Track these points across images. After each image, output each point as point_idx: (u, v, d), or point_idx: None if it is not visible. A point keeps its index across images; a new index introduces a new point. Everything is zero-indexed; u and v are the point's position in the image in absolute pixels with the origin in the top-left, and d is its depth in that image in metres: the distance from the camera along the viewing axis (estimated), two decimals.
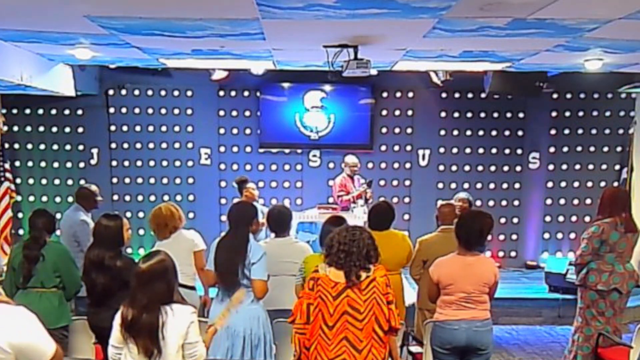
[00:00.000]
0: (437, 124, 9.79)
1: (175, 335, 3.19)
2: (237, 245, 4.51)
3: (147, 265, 3.30)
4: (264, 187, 9.55)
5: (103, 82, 9.46)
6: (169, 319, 3.19)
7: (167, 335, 3.17)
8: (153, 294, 3.21)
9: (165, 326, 3.17)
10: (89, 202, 6.38)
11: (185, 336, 3.21)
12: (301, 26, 4.86)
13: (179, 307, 3.25)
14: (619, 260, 5.46)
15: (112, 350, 3.33)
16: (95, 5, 4.30)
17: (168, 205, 5.39)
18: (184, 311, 3.25)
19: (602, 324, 5.43)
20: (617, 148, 9.64)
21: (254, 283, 4.47)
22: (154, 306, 3.20)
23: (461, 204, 6.68)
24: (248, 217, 4.65)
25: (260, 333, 4.50)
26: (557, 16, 4.47)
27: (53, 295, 4.74)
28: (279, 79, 9.34)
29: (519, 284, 8.83)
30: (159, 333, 3.16)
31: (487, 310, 4.32)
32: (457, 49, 6.00)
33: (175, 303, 3.26)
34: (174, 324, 3.19)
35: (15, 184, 9.25)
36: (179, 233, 5.30)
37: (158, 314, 3.18)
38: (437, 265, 4.42)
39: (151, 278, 3.26)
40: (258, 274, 4.47)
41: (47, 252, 4.73)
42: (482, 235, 4.40)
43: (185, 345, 3.21)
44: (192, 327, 3.23)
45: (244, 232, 4.57)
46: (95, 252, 4.38)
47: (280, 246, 5.13)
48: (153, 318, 3.17)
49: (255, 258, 4.48)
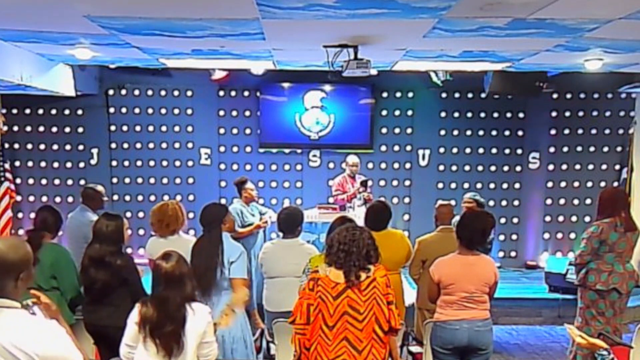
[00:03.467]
0: (437, 124, 9.78)
1: (195, 333, 3.24)
2: (211, 247, 4.49)
3: (172, 266, 3.34)
4: (264, 187, 9.55)
5: (103, 82, 9.46)
6: (189, 318, 3.24)
7: (188, 334, 3.22)
8: (183, 293, 3.28)
9: (186, 325, 3.23)
10: (95, 202, 6.34)
11: (203, 335, 3.26)
12: (301, 26, 4.86)
13: (198, 307, 3.33)
14: (619, 260, 5.47)
15: (125, 349, 3.33)
16: (95, 5, 4.30)
17: (175, 206, 5.29)
18: (203, 311, 3.32)
19: (602, 324, 5.43)
20: (617, 148, 9.64)
21: (233, 282, 4.44)
22: (183, 306, 3.25)
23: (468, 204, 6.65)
24: (218, 218, 4.62)
25: (238, 335, 4.47)
26: (557, 16, 4.48)
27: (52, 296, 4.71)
28: (279, 79, 9.34)
29: (519, 284, 8.83)
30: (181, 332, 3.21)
31: (487, 310, 4.33)
32: (457, 49, 6.00)
33: (195, 302, 3.33)
34: (194, 323, 3.24)
35: (15, 184, 9.26)
36: (178, 237, 5.21)
37: (185, 313, 3.24)
38: (438, 265, 4.42)
39: (179, 277, 3.32)
40: (237, 272, 4.44)
41: (43, 254, 4.57)
42: (484, 234, 4.41)
43: (202, 344, 3.26)
44: (209, 327, 3.29)
45: (216, 233, 4.54)
46: (96, 248, 4.37)
47: (287, 248, 5.13)
48: (180, 317, 3.22)
49: (233, 257, 4.45)
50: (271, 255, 5.32)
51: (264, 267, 5.38)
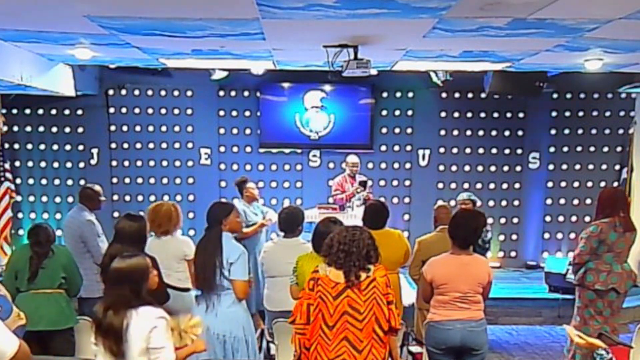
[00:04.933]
0: (437, 124, 9.78)
1: (138, 338, 3.14)
2: (210, 246, 4.47)
3: (113, 267, 3.28)
4: (264, 187, 9.54)
5: (103, 82, 9.46)
6: (133, 322, 3.14)
7: (130, 338, 3.13)
8: (117, 295, 3.19)
9: (129, 329, 3.14)
10: (93, 202, 6.35)
11: (148, 340, 3.14)
12: (301, 26, 4.86)
13: (145, 311, 3.19)
14: (617, 260, 5.48)
15: (92, 347, 3.32)
16: (95, 5, 4.30)
17: (169, 207, 5.23)
18: (148, 315, 3.18)
19: (600, 323, 5.44)
20: (617, 148, 9.64)
21: (234, 284, 4.42)
22: (118, 308, 3.16)
23: (464, 205, 6.65)
24: (219, 217, 4.58)
25: (239, 335, 4.45)
26: (557, 16, 4.48)
27: (60, 296, 4.79)
28: (279, 79, 9.34)
29: (519, 284, 8.84)
30: (123, 335, 3.13)
31: (481, 311, 4.31)
32: (457, 49, 6.00)
33: (145, 306, 3.20)
34: (137, 327, 3.14)
35: (15, 184, 9.26)
36: (171, 238, 5.15)
37: (123, 317, 3.14)
38: (431, 265, 4.40)
39: (116, 280, 3.24)
40: (238, 274, 4.42)
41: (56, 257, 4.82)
42: (476, 233, 4.40)
43: (149, 349, 3.15)
44: (154, 332, 3.15)
45: (216, 232, 4.51)
46: (118, 248, 4.31)
47: (287, 247, 5.12)
48: (117, 320, 3.14)
49: (233, 258, 4.42)
50: (272, 254, 5.32)
51: (265, 266, 5.40)
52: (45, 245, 4.79)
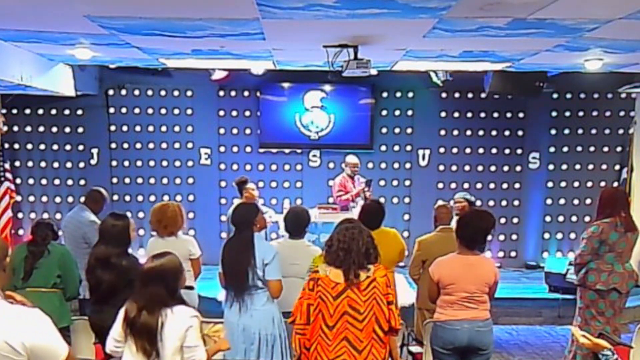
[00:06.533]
0: (437, 124, 9.78)
1: (173, 337, 3.17)
2: (242, 248, 4.48)
3: (148, 267, 3.31)
4: (264, 187, 9.54)
5: (103, 82, 9.46)
6: (168, 321, 3.18)
7: (165, 338, 3.16)
8: (152, 295, 3.22)
9: (164, 328, 3.17)
10: (98, 205, 6.34)
11: (184, 339, 3.18)
12: (301, 26, 4.86)
13: (180, 310, 3.24)
14: (619, 260, 5.47)
15: (111, 343, 3.33)
16: (95, 5, 4.30)
17: (175, 208, 5.27)
18: (184, 314, 3.23)
19: (602, 323, 5.43)
20: (617, 148, 9.65)
21: (269, 284, 4.46)
22: (153, 307, 3.19)
23: (459, 204, 6.66)
24: (249, 218, 4.61)
25: (275, 333, 4.50)
26: (557, 16, 4.48)
27: (54, 295, 4.76)
28: (279, 79, 9.34)
29: (519, 284, 8.83)
30: (157, 335, 3.15)
31: (487, 310, 4.32)
32: (457, 49, 6.00)
33: (178, 305, 3.25)
34: (172, 327, 3.18)
35: (15, 184, 9.25)
36: (175, 238, 5.20)
37: (158, 316, 3.18)
38: (438, 265, 4.41)
39: (151, 279, 3.26)
40: (272, 274, 4.46)
41: (51, 254, 4.80)
42: (486, 234, 4.40)
43: (184, 348, 3.19)
44: (190, 331, 3.20)
45: (247, 234, 4.52)
46: (102, 249, 4.36)
47: (293, 248, 5.11)
48: (152, 319, 3.17)
49: (268, 258, 4.45)
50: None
51: None
52: (40, 245, 4.79)
